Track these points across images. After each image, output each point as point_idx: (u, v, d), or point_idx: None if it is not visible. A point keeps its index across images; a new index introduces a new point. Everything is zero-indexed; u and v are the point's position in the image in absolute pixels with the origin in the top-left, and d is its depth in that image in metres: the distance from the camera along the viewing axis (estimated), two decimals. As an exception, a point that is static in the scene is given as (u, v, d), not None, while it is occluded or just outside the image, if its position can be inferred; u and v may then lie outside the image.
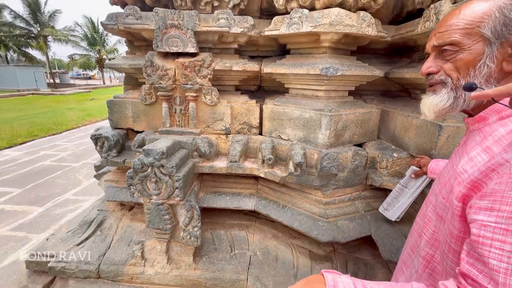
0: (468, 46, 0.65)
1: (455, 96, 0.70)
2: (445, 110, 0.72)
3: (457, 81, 0.69)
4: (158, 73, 1.76)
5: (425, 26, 1.48)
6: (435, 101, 0.73)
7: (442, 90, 0.72)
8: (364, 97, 2.13)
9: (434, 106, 0.74)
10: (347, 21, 1.51)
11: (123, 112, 1.95)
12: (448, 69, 0.70)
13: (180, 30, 1.70)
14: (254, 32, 1.81)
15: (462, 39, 0.66)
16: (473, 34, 0.65)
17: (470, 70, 0.66)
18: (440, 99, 0.72)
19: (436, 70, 0.74)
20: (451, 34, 0.67)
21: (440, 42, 0.70)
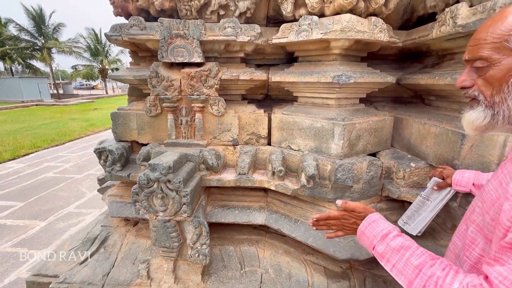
0: (498, 62, 0.60)
1: (493, 113, 0.65)
2: (483, 127, 0.67)
3: (491, 98, 0.64)
4: (163, 84, 1.71)
5: (440, 31, 1.43)
6: (471, 117, 0.69)
7: (478, 107, 0.67)
8: (374, 104, 2.06)
9: (470, 123, 0.69)
10: (358, 27, 1.46)
11: (127, 124, 1.90)
12: (481, 85, 0.65)
13: (186, 40, 1.65)
14: (261, 41, 1.76)
15: (490, 54, 0.61)
16: (502, 49, 0.59)
17: (503, 87, 0.61)
18: (476, 116, 0.67)
19: (469, 84, 0.69)
20: (479, 49, 0.62)
21: (470, 56, 0.66)
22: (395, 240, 0.71)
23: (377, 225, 0.77)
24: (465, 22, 1.27)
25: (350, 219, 0.84)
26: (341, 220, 0.87)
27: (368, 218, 0.80)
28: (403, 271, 0.66)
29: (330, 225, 0.91)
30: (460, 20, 1.31)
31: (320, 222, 0.94)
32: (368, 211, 0.83)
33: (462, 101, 1.47)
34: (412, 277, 0.63)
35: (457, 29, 1.31)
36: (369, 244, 0.76)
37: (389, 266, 0.70)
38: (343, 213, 0.86)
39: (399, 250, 0.69)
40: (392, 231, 0.74)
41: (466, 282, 0.55)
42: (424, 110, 1.74)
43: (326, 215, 0.91)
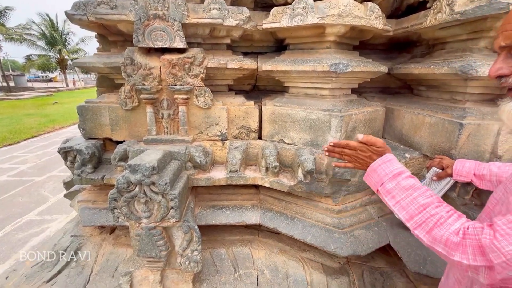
0: None
1: None
2: None
3: None
4: (140, 72, 1.50)
5: (436, 19, 1.40)
6: None
7: None
8: (364, 95, 2.03)
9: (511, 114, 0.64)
10: (356, 12, 1.38)
11: (98, 119, 1.65)
12: None
13: (166, 21, 1.45)
14: (250, 25, 1.61)
15: None
16: None
17: None
18: None
19: (508, 72, 0.63)
20: None
21: (508, 42, 0.60)
22: (406, 180, 0.72)
23: (391, 164, 0.77)
24: (464, 9, 1.25)
25: (367, 152, 0.84)
26: (357, 151, 0.86)
27: (384, 157, 0.80)
28: (407, 207, 0.68)
29: (344, 154, 0.92)
30: (457, 7, 1.28)
31: (336, 148, 0.93)
32: (386, 148, 0.84)
33: (454, 91, 1.48)
34: (415, 213, 0.66)
35: (455, 17, 1.28)
36: (378, 181, 0.78)
37: (393, 201, 0.72)
38: (362, 145, 0.85)
39: (407, 189, 0.70)
40: (405, 172, 0.75)
41: (468, 224, 0.58)
42: (414, 100, 1.74)
43: (345, 142, 0.91)
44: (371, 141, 0.84)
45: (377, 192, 0.79)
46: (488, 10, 1.18)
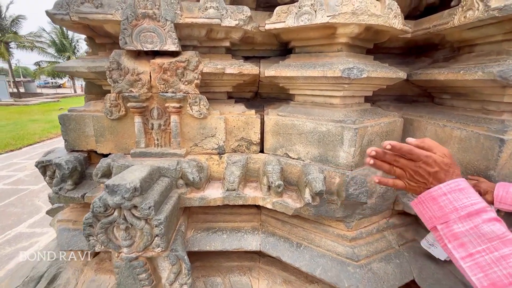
0: None
1: None
2: None
3: None
4: (127, 78, 1.33)
5: (465, 17, 1.21)
6: None
7: None
8: (377, 103, 1.83)
9: None
10: (372, 9, 1.20)
11: (81, 129, 1.49)
12: None
13: (157, 21, 1.29)
14: (251, 26, 1.45)
15: None
16: None
17: None
18: None
19: None
20: None
21: None
22: (490, 224, 0.50)
23: (465, 195, 0.54)
24: (502, 4, 1.05)
25: (433, 167, 0.57)
26: (419, 164, 0.59)
27: (453, 182, 0.56)
28: (487, 268, 0.48)
29: (397, 165, 0.63)
30: (494, 2, 1.09)
31: (388, 155, 0.64)
32: (455, 166, 0.58)
33: (487, 99, 1.27)
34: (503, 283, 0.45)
35: (491, 13, 1.09)
36: (439, 216, 0.55)
37: (462, 253, 0.51)
38: (429, 155, 0.58)
39: (491, 240, 0.49)
40: (488, 211, 0.53)
41: None
42: (437, 110, 1.53)
43: (408, 148, 0.60)
44: (434, 147, 0.59)
45: (432, 230, 0.58)
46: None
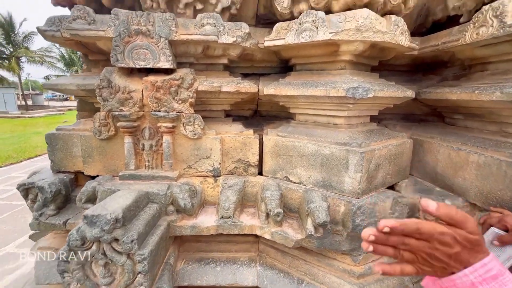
0: None
1: None
2: None
3: None
4: (118, 96, 1.26)
5: (478, 34, 1.13)
6: None
7: None
8: (383, 123, 1.73)
9: None
10: (377, 26, 1.13)
11: (69, 149, 1.41)
12: None
13: (150, 38, 1.24)
14: (249, 43, 1.39)
15: None
16: None
17: None
18: None
19: None
20: None
21: None
22: None
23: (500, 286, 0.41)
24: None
25: (452, 248, 0.43)
26: (434, 245, 0.44)
27: (482, 267, 0.43)
28: None
29: (405, 248, 0.46)
30: (510, 18, 1.01)
31: (392, 237, 0.46)
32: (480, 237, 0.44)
33: (506, 121, 1.17)
34: None
35: (508, 30, 1.00)
36: None
37: None
38: (446, 232, 0.43)
39: None
40: None
41: None
42: (449, 131, 1.43)
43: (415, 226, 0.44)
44: (456, 218, 0.44)
45: None
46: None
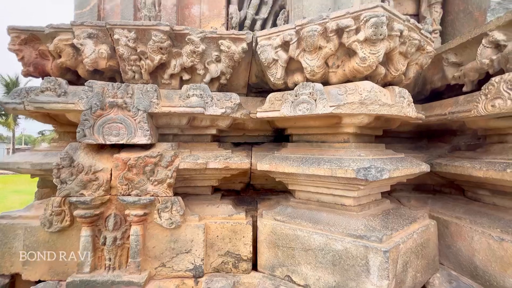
0: None
1: None
2: None
3: None
4: (80, 177, 1.03)
5: (494, 106, 1.01)
6: None
7: None
8: (394, 195, 1.52)
9: None
10: (382, 98, 1.01)
11: (9, 244, 1.10)
12: None
13: (127, 111, 1.08)
14: (240, 114, 1.25)
15: None
16: None
17: None
18: None
19: None
20: None
21: None
22: None
23: None
24: (547, 95, 0.86)
25: None
26: None
27: None
28: None
29: None
30: (531, 92, 0.90)
31: None
32: None
33: (550, 204, 0.96)
34: None
35: (533, 105, 0.89)
36: None
37: None
38: None
39: None
40: None
41: None
42: (476, 209, 1.21)
43: None
44: None
45: None
46: None
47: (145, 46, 1.13)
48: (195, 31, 1.14)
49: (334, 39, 1.01)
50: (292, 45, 1.09)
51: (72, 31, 1.11)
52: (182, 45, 1.18)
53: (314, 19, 1.02)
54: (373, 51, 0.96)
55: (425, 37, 1.12)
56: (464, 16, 1.41)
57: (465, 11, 1.41)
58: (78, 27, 1.09)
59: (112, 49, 1.15)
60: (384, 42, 0.97)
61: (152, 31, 1.10)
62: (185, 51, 1.17)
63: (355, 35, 0.97)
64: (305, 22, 1.03)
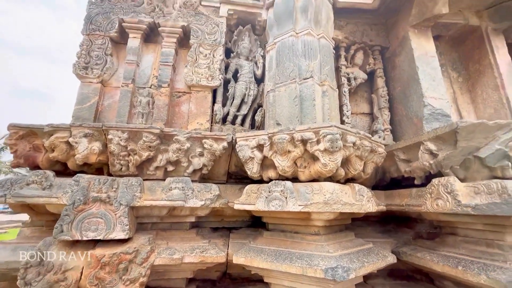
0: None
1: None
2: None
3: None
4: (48, 278, 1.00)
5: (438, 205, 1.18)
6: None
7: None
8: (369, 282, 1.54)
9: None
10: (344, 198, 1.15)
11: None
12: None
13: (109, 205, 1.13)
14: (219, 203, 1.33)
15: None
16: None
17: None
18: None
19: None
20: None
21: None
22: None
23: None
24: (474, 203, 1.04)
25: None
26: None
27: None
28: None
29: None
30: (462, 198, 1.08)
31: None
32: None
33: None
34: None
35: (465, 210, 1.05)
36: None
37: None
38: None
39: None
40: None
41: None
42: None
43: None
44: None
45: None
46: (505, 210, 0.96)
47: (135, 144, 1.27)
48: (182, 133, 1.31)
49: (300, 146, 1.21)
50: (265, 147, 1.27)
51: (70, 130, 1.24)
52: (169, 142, 1.33)
53: (283, 129, 1.23)
54: (332, 159, 1.15)
55: (375, 142, 1.35)
56: (407, 120, 1.73)
57: (407, 116, 1.74)
58: (76, 128, 1.23)
59: (104, 146, 1.27)
60: (340, 151, 1.17)
61: (144, 133, 1.25)
62: (172, 148, 1.31)
63: (317, 145, 1.17)
64: (276, 131, 1.24)
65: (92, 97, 1.54)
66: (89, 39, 1.62)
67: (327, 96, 1.48)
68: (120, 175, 1.29)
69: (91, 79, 1.56)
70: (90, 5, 1.68)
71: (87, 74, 1.56)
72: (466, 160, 1.19)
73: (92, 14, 1.65)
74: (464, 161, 1.20)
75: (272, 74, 1.61)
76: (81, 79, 1.57)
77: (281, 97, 1.50)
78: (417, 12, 1.69)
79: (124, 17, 1.66)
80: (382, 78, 1.91)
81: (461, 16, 1.80)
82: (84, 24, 1.64)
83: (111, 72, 1.61)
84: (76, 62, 1.57)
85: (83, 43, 1.60)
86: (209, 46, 1.69)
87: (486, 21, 1.82)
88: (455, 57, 2.00)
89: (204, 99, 1.64)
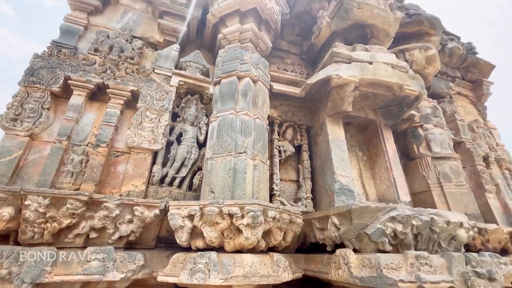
0: None
1: None
2: None
3: None
4: None
5: (338, 274, 1.40)
6: None
7: None
8: None
9: None
10: (262, 270, 1.28)
11: None
12: None
13: (8, 283, 1.02)
14: (142, 274, 1.31)
15: None
16: None
17: None
18: None
19: None
20: None
21: None
22: None
23: None
24: (360, 275, 1.29)
25: None
26: None
27: None
28: None
29: None
30: (354, 269, 1.33)
31: None
32: None
33: None
34: None
35: (355, 281, 1.29)
36: None
37: None
38: None
39: None
40: None
41: None
42: None
43: None
44: None
45: None
46: (379, 283, 1.22)
47: (57, 211, 1.21)
48: (113, 199, 1.32)
49: (227, 219, 1.34)
50: (196, 217, 1.36)
51: (-23, 193, 1.13)
52: (97, 209, 1.31)
53: (214, 202, 1.36)
54: (253, 233, 1.30)
55: (294, 214, 1.58)
56: (324, 191, 2.07)
57: (324, 187, 2.08)
58: (-14, 191, 1.13)
59: (18, 211, 1.18)
60: (261, 226, 1.33)
61: (69, 199, 1.22)
62: (98, 215, 1.29)
63: (241, 219, 1.32)
64: (207, 203, 1.36)
65: (15, 151, 1.44)
66: (26, 91, 1.58)
67: (257, 170, 1.71)
68: (31, 244, 1.19)
69: (18, 132, 1.48)
70: (35, 58, 1.68)
71: (14, 127, 1.48)
72: (360, 234, 1.49)
73: (36, 67, 1.65)
74: (358, 235, 1.49)
75: (212, 143, 1.79)
76: (6, 131, 1.47)
77: (218, 167, 1.67)
78: (331, 106, 2.18)
79: (72, 75, 1.69)
80: (307, 152, 2.29)
81: (362, 112, 2.38)
82: (23, 75, 1.61)
83: (44, 126, 1.57)
84: (5, 113, 1.49)
85: (18, 94, 1.55)
86: (156, 112, 1.82)
87: (379, 117, 2.43)
88: (361, 140, 2.55)
89: (144, 161, 1.69)
